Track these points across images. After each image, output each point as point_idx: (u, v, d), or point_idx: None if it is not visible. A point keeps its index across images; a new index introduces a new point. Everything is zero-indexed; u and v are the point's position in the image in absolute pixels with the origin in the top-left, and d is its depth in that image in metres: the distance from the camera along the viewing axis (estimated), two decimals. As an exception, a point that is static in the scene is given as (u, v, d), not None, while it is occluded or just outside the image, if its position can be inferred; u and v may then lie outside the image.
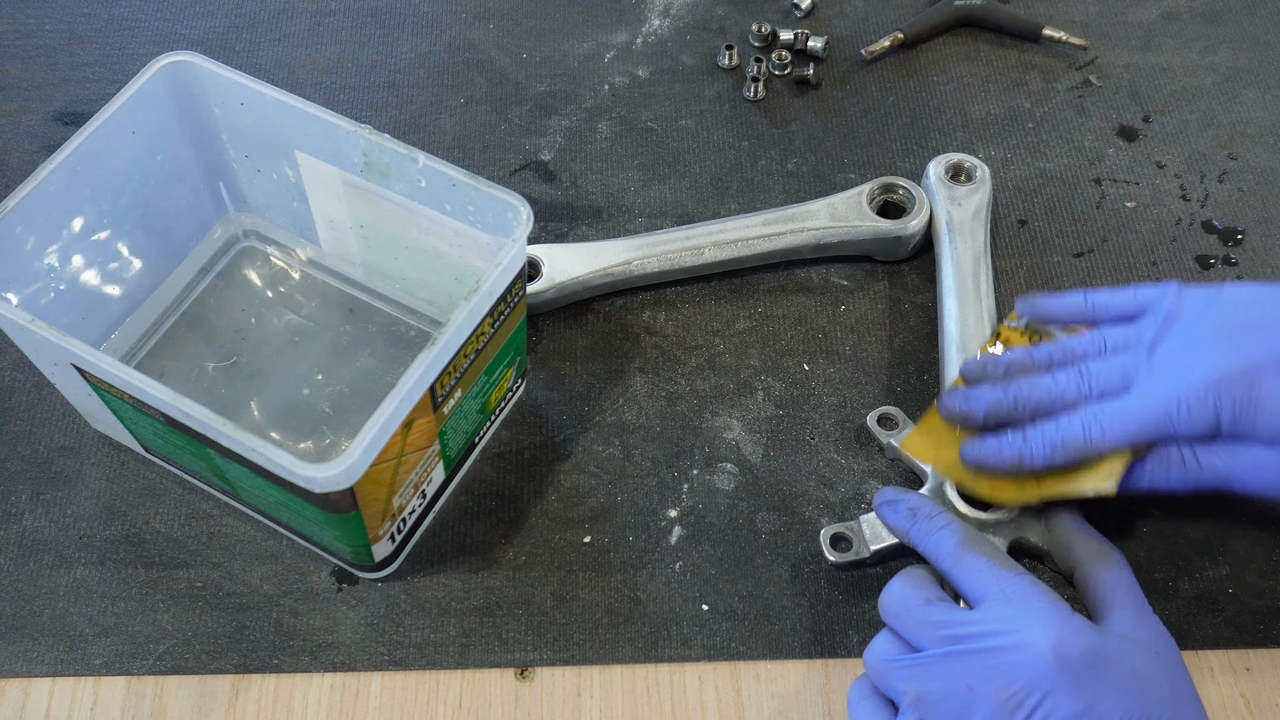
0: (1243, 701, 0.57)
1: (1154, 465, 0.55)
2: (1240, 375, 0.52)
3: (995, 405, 0.57)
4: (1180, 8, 0.83)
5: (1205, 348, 0.54)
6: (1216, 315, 0.55)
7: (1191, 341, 0.54)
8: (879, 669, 0.50)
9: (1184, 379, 0.53)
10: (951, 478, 0.58)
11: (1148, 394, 0.54)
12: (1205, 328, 0.55)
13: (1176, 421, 0.53)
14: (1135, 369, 0.55)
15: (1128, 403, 0.54)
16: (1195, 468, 0.54)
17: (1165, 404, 0.53)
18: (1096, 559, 0.53)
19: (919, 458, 0.60)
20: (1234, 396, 0.52)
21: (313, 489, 0.48)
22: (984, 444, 0.57)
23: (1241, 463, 0.54)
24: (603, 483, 0.62)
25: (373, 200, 0.59)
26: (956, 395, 0.59)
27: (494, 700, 0.56)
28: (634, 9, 0.82)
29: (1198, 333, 0.55)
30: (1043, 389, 0.57)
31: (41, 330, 0.49)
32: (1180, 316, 0.56)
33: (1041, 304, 0.61)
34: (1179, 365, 0.54)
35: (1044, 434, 0.55)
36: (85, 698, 0.56)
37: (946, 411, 0.59)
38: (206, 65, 0.58)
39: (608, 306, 0.69)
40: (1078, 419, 0.55)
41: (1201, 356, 0.53)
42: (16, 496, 0.61)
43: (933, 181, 0.70)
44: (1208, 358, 0.53)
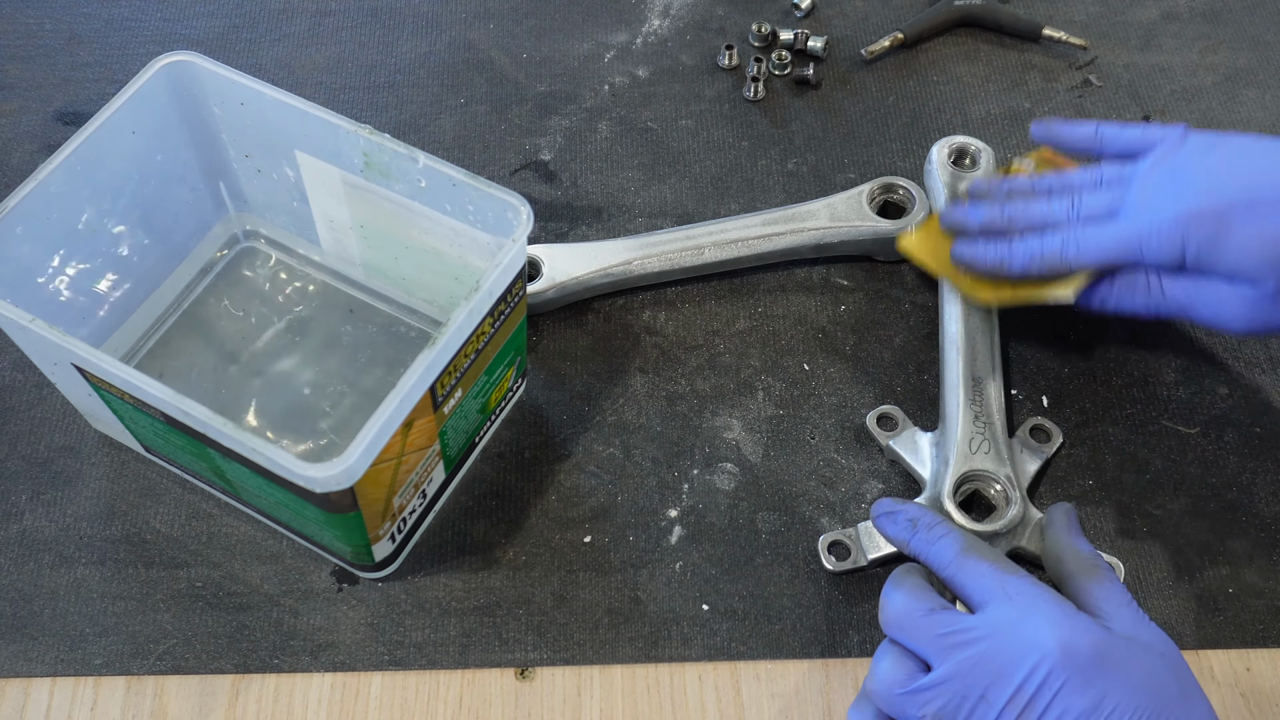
0: (1243, 702, 0.57)
1: (1121, 286, 0.60)
2: (1210, 213, 0.55)
3: (990, 219, 0.62)
4: (1180, 8, 0.83)
5: (1187, 185, 0.57)
6: (1209, 158, 0.58)
7: (1177, 178, 0.58)
8: (890, 699, 0.49)
9: (1160, 211, 0.57)
10: (939, 273, 0.65)
11: (1125, 222, 0.58)
12: (1194, 168, 0.58)
13: (1145, 249, 0.57)
14: (1122, 201, 0.59)
15: (1105, 228, 0.59)
16: (1158, 294, 0.58)
17: (1138, 232, 0.57)
18: (1087, 571, 0.53)
19: (915, 253, 0.65)
20: (1202, 232, 0.56)
21: (313, 489, 0.48)
22: (973, 245, 0.63)
23: (1201, 294, 0.57)
24: (603, 483, 0.62)
25: (373, 200, 0.59)
26: (958, 208, 0.64)
27: (494, 700, 0.56)
28: (634, 9, 0.82)
29: (1186, 171, 0.58)
30: (1035, 210, 0.62)
31: (41, 330, 0.49)
32: (1177, 156, 0.59)
33: (1055, 128, 0.65)
34: (1158, 198, 0.58)
35: (1027, 245, 0.61)
36: (85, 698, 0.56)
37: (946, 220, 0.65)
38: (206, 65, 0.58)
39: (608, 306, 0.69)
40: (1059, 237, 0.60)
41: (1181, 192, 0.57)
42: (16, 496, 0.61)
43: (935, 166, 0.70)
44: (1186, 194, 0.57)
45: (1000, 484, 0.59)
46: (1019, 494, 0.59)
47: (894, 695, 0.49)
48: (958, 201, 0.65)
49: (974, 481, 0.60)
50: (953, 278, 0.64)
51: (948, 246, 0.64)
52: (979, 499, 0.60)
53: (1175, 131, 0.60)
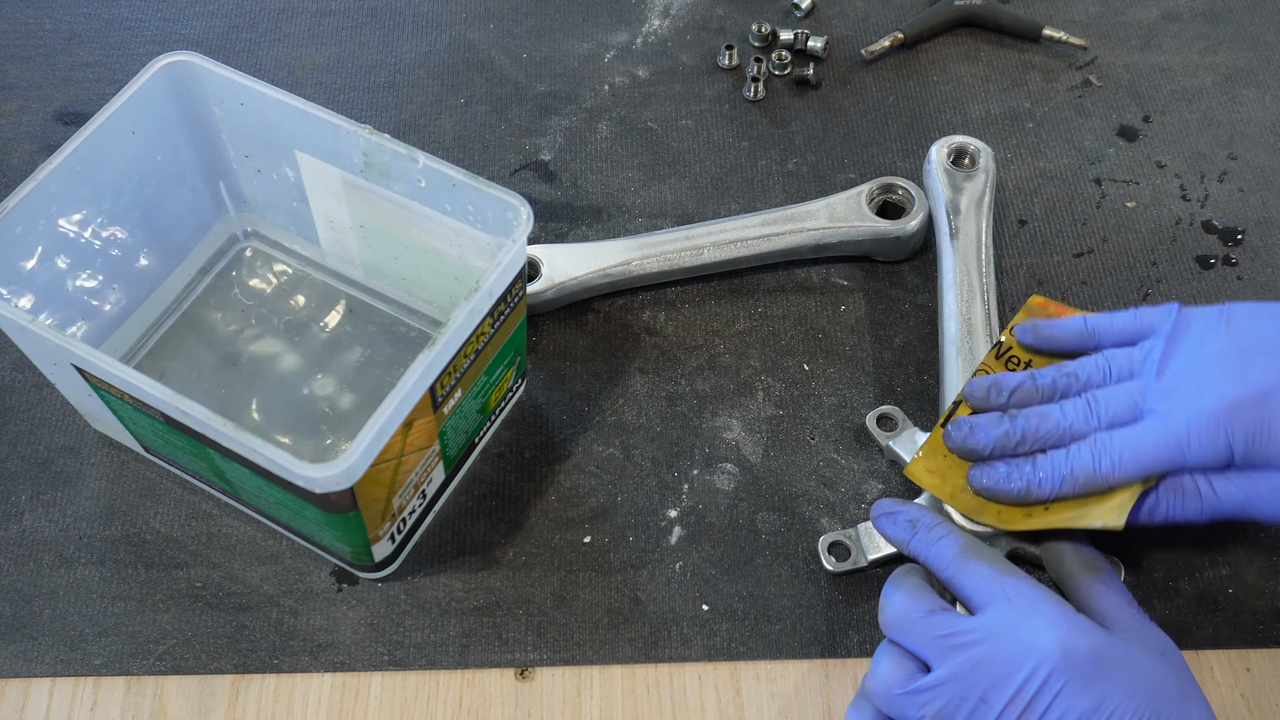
0: (1243, 701, 0.57)
1: (1168, 495, 0.54)
2: (1251, 402, 0.51)
3: (1002, 439, 0.56)
4: (1180, 8, 0.83)
5: (1213, 373, 0.52)
6: (1222, 337, 0.54)
7: (1198, 366, 0.53)
8: (889, 700, 0.49)
9: (1194, 408, 0.52)
10: (958, 508, 0.57)
11: (1157, 424, 0.53)
12: (1211, 350, 0.53)
13: (1188, 452, 0.52)
14: (1143, 396, 0.54)
15: (1138, 433, 0.53)
16: (1211, 497, 0.53)
17: (1176, 434, 0.52)
18: (1089, 572, 0.53)
19: (924, 487, 0.58)
20: (1246, 425, 0.51)
21: (313, 489, 0.48)
22: (992, 471, 0.56)
23: (1259, 490, 0.52)
24: (603, 483, 0.62)
25: (373, 200, 0.59)
26: (962, 426, 0.57)
27: (494, 700, 0.56)
28: (634, 9, 0.82)
29: (1204, 356, 0.53)
30: (1051, 421, 0.55)
31: (41, 330, 0.49)
32: (1185, 338, 0.55)
33: (1042, 332, 0.60)
34: (1188, 392, 0.53)
35: (1054, 464, 0.54)
36: (85, 698, 0.56)
37: (952, 443, 0.58)
38: (206, 65, 0.58)
39: (608, 306, 0.69)
40: (1087, 450, 0.54)
41: (1210, 382, 0.52)
42: (16, 496, 0.61)
43: (934, 166, 0.70)
44: (1216, 384, 0.52)
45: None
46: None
47: (893, 695, 0.49)
48: (959, 420, 0.58)
49: (974, 482, 0.60)
50: (974, 510, 0.57)
51: (958, 467, 0.58)
52: (979, 499, 0.60)
53: (1170, 311, 0.56)
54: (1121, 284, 0.69)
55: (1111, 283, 0.70)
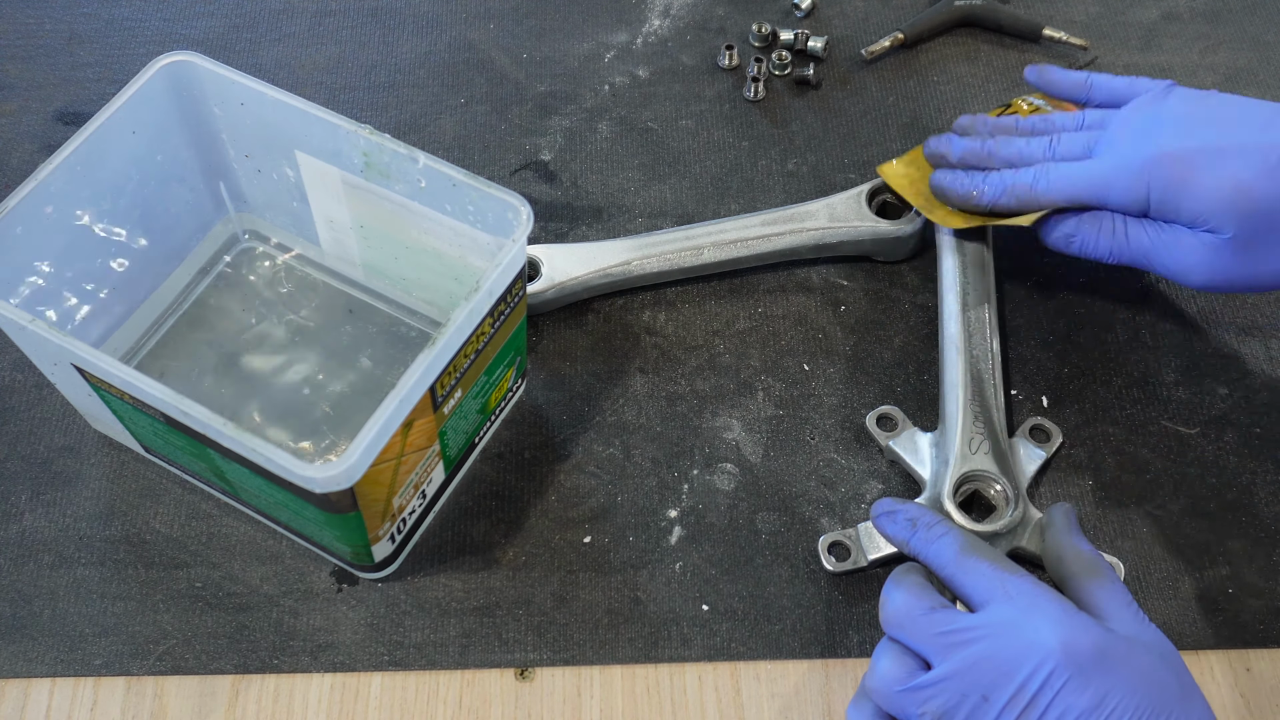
0: (1243, 701, 0.57)
1: (1086, 227, 0.60)
2: (1176, 156, 0.57)
3: (969, 151, 0.64)
4: (1180, 8, 0.83)
5: (1158, 131, 0.58)
6: (1186, 107, 0.59)
7: (1151, 124, 0.59)
8: (889, 697, 0.49)
9: (1129, 154, 0.58)
10: (913, 202, 0.67)
11: (1094, 163, 0.60)
12: (1170, 115, 0.59)
13: (1110, 190, 0.59)
14: (1097, 142, 0.61)
15: (1076, 167, 0.60)
16: (1122, 238, 0.59)
17: (1104, 172, 0.59)
18: (1088, 572, 0.53)
19: (892, 180, 0.68)
20: (1165, 175, 0.57)
21: (313, 489, 0.48)
22: (949, 174, 0.65)
23: (1163, 240, 0.58)
24: (603, 483, 0.62)
25: (373, 200, 0.59)
26: (941, 139, 0.66)
27: (494, 700, 0.56)
28: (634, 9, 0.82)
29: (1160, 118, 0.59)
30: (1014, 147, 0.63)
31: (41, 330, 0.49)
32: (1156, 105, 0.60)
33: (1048, 72, 0.67)
34: (1130, 141, 0.59)
35: (1001, 178, 0.62)
36: (85, 698, 0.56)
37: (929, 149, 0.66)
38: (206, 65, 0.58)
39: (608, 306, 0.69)
40: (1030, 172, 0.61)
41: (1151, 137, 0.58)
42: (16, 496, 0.61)
43: None
44: (1155, 138, 0.58)
45: (1000, 484, 0.59)
46: (1019, 494, 0.59)
47: (893, 693, 0.49)
48: (940, 136, 0.66)
49: (974, 482, 0.60)
50: (925, 207, 0.66)
51: (925, 179, 0.67)
52: (979, 499, 0.60)
53: (1162, 84, 0.62)
54: (1122, 283, 0.69)
55: (1111, 281, 0.70)
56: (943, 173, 0.65)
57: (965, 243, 0.67)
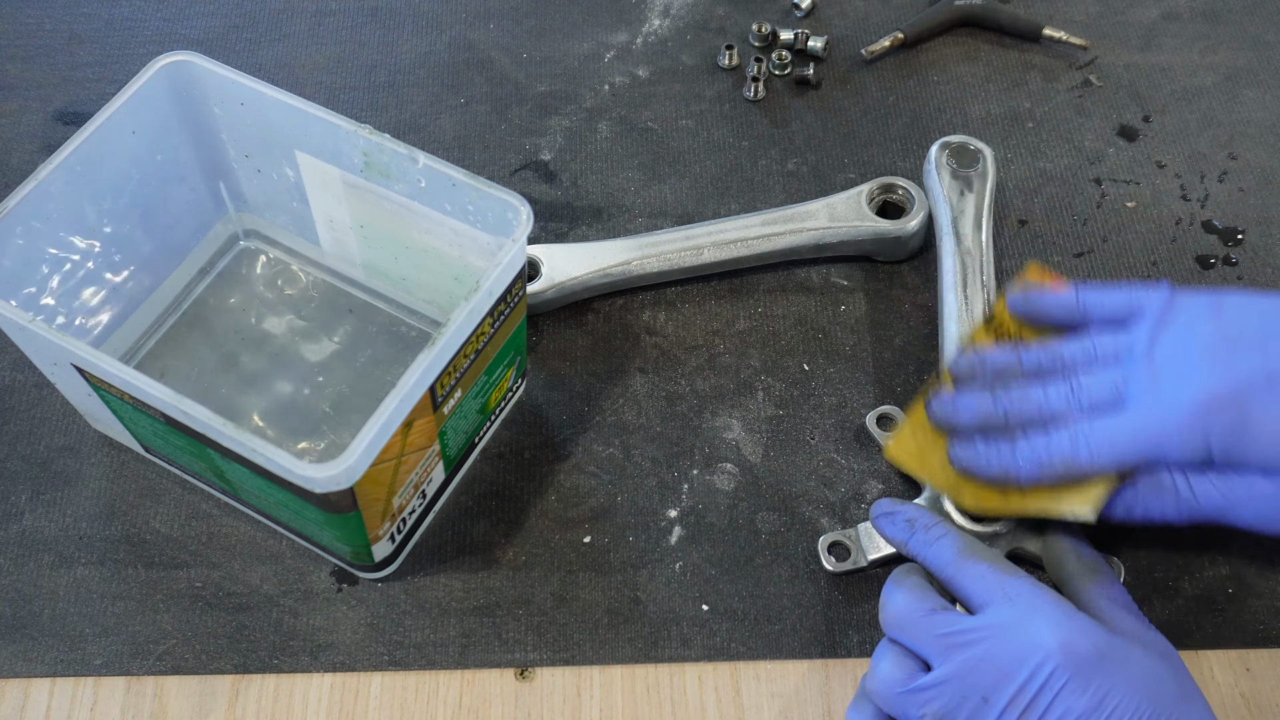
0: (1243, 701, 0.57)
1: (1146, 492, 0.53)
2: (1230, 398, 0.50)
3: (984, 417, 0.56)
4: (1180, 7, 0.83)
5: (1196, 364, 0.52)
6: (1211, 326, 0.53)
7: (1183, 355, 0.53)
8: (890, 699, 0.49)
9: (1173, 400, 0.51)
10: (936, 485, 0.58)
11: (1137, 415, 0.53)
12: (1197, 340, 0.53)
13: (1165, 446, 0.51)
14: (1126, 384, 0.54)
15: (1118, 423, 0.53)
16: (1189, 497, 0.53)
17: (1155, 427, 0.52)
18: (1089, 574, 0.53)
19: (904, 466, 0.59)
20: (1224, 421, 0.50)
21: (313, 489, 0.48)
22: (972, 450, 0.56)
23: (1236, 493, 0.52)
24: (603, 483, 0.62)
25: (373, 200, 0.59)
26: (945, 402, 0.58)
27: (494, 700, 0.56)
28: (634, 9, 0.82)
29: (1190, 347, 0.53)
30: (1033, 402, 0.55)
31: (41, 330, 0.49)
32: (1173, 325, 0.54)
33: (1034, 301, 0.59)
34: (1169, 383, 0.52)
35: (1033, 449, 0.54)
36: (85, 698, 0.56)
37: (934, 416, 0.58)
38: (206, 65, 0.58)
39: (608, 306, 0.69)
40: (1066, 437, 0.53)
41: (1192, 374, 0.52)
42: (16, 496, 0.61)
43: (934, 166, 0.69)
44: (1198, 377, 0.51)
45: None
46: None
47: (894, 695, 0.49)
48: (943, 395, 0.58)
49: (974, 482, 0.60)
50: (952, 489, 0.57)
51: (936, 448, 0.58)
52: (979, 499, 0.60)
53: (1161, 294, 0.55)
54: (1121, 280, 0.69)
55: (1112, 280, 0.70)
56: (963, 449, 0.56)
57: (966, 242, 0.67)
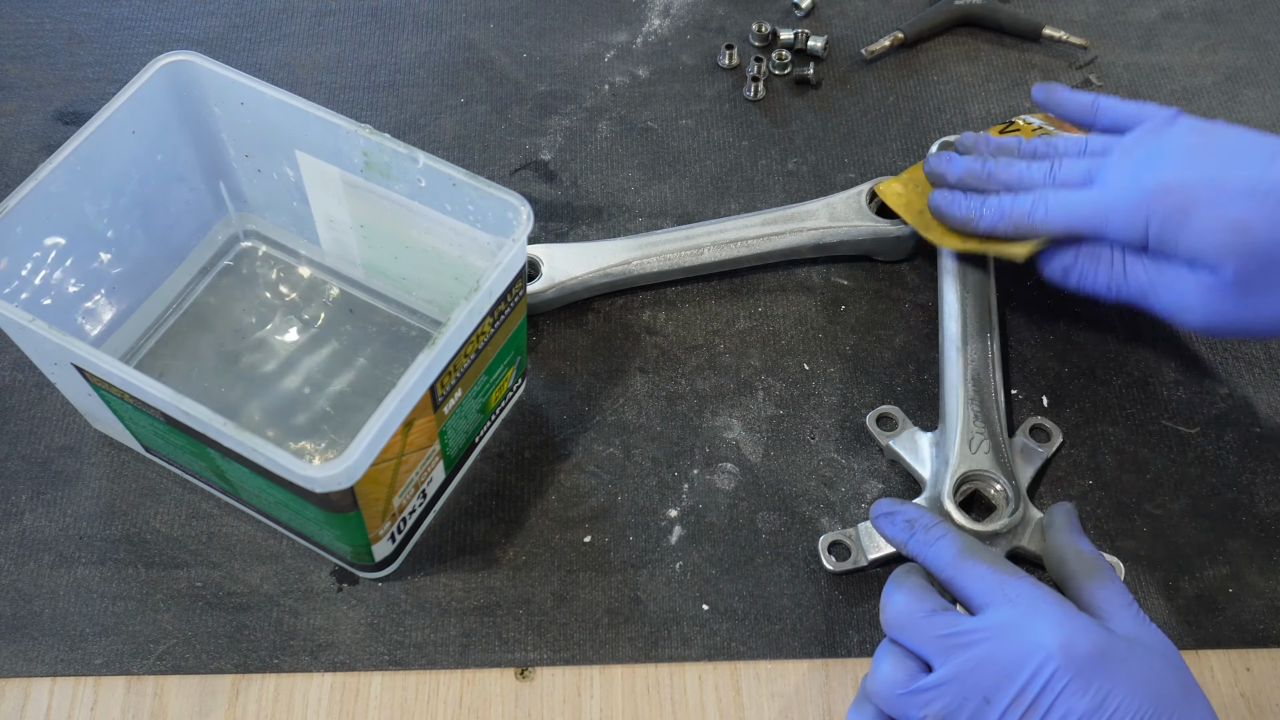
0: (1243, 701, 0.57)
1: (1084, 260, 0.59)
2: (1176, 189, 0.55)
3: (969, 172, 0.63)
4: (1180, 7, 0.83)
5: (1161, 161, 0.56)
6: (1190, 139, 0.57)
7: (1154, 154, 0.57)
8: (891, 700, 0.49)
9: (1130, 184, 0.57)
10: (909, 220, 0.66)
11: (1094, 191, 0.58)
12: (1172, 147, 0.57)
13: (1109, 221, 0.57)
14: (1099, 171, 0.59)
15: (1075, 194, 0.59)
16: (1120, 273, 0.58)
17: (1104, 202, 0.57)
18: (1089, 572, 0.53)
19: (890, 199, 0.67)
20: (1165, 208, 0.55)
21: (313, 489, 0.48)
22: (947, 195, 0.63)
23: (1162, 278, 0.57)
24: (603, 482, 0.62)
25: (373, 200, 0.59)
26: (941, 159, 0.65)
27: (494, 700, 0.56)
28: (634, 9, 0.82)
29: (1165, 149, 0.57)
30: (1014, 170, 0.62)
31: (41, 330, 0.49)
32: (1161, 134, 0.58)
33: (1055, 92, 0.65)
34: (1132, 171, 0.57)
35: (1000, 203, 0.61)
36: (85, 697, 0.56)
37: (929, 167, 0.65)
38: (206, 65, 0.58)
39: (608, 306, 0.69)
40: (1029, 199, 0.60)
41: (1153, 167, 0.56)
42: (17, 496, 0.61)
43: None
44: (1157, 170, 0.56)
45: (1000, 484, 0.59)
46: (1019, 494, 0.59)
47: (895, 696, 0.49)
48: (941, 154, 0.65)
49: (974, 481, 0.60)
50: (921, 226, 0.65)
51: (923, 196, 0.66)
52: (979, 499, 0.60)
53: (1167, 111, 0.60)
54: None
55: (1112, 282, 0.70)
56: (941, 193, 0.64)
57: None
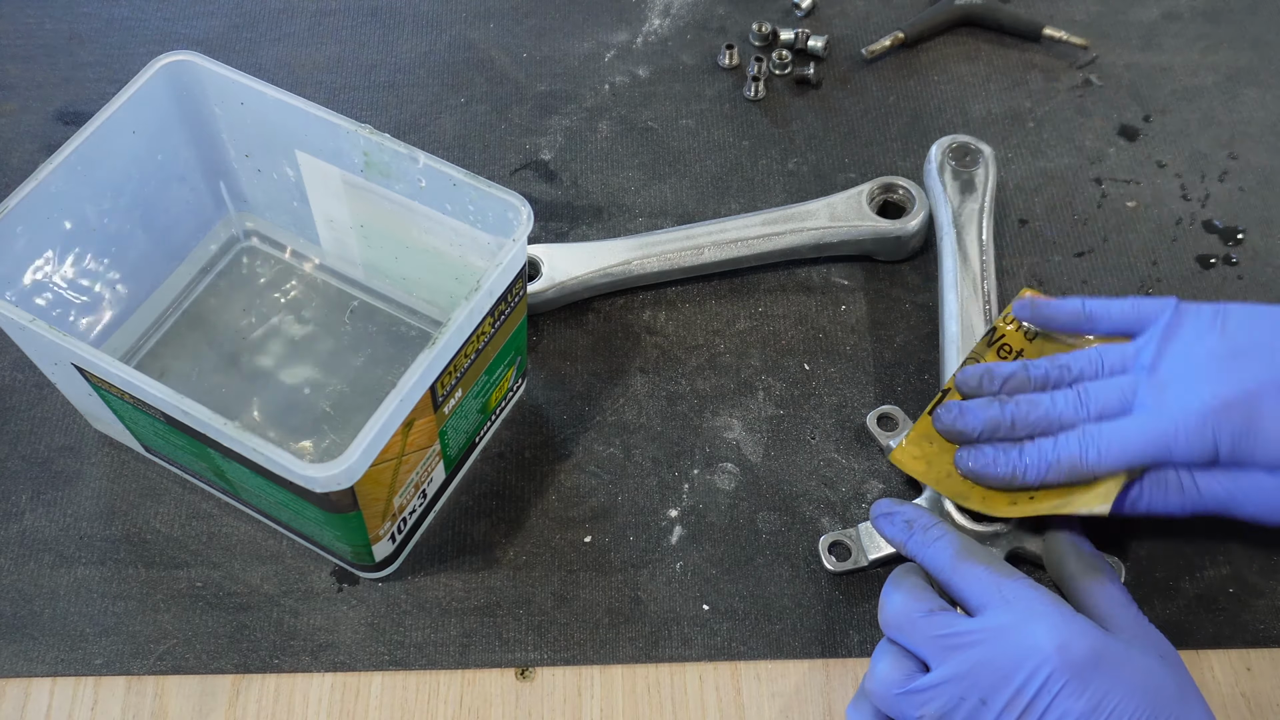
0: (1243, 701, 0.57)
1: (1151, 488, 0.55)
2: (1239, 403, 0.52)
3: (992, 424, 0.57)
4: (1181, 7, 0.83)
5: (1204, 372, 0.53)
6: (1216, 337, 0.54)
7: (1190, 364, 0.54)
8: (888, 699, 0.50)
9: (1182, 405, 0.53)
10: (942, 490, 0.58)
11: (1146, 419, 0.54)
12: (1204, 349, 0.54)
13: (1174, 448, 0.53)
14: (1133, 391, 0.55)
15: (1126, 426, 0.54)
16: (1194, 492, 0.54)
17: (1164, 430, 0.53)
18: (1089, 574, 0.53)
19: (909, 471, 0.59)
20: (1233, 424, 0.52)
21: (313, 489, 0.48)
22: (980, 454, 0.57)
23: (1241, 488, 0.54)
24: (603, 482, 0.62)
25: (373, 200, 0.59)
26: (952, 410, 0.58)
27: (494, 700, 0.56)
28: (634, 8, 0.82)
29: (1197, 355, 0.54)
30: (1041, 408, 0.56)
31: (42, 330, 0.49)
32: (1179, 336, 0.55)
33: (1040, 309, 0.61)
34: (1177, 389, 0.54)
35: (1040, 451, 0.55)
36: (86, 697, 0.56)
37: (941, 425, 0.59)
38: (207, 65, 0.58)
39: (608, 306, 0.69)
40: (1075, 439, 0.54)
41: (1200, 381, 0.53)
42: (17, 496, 0.61)
43: (935, 165, 0.69)
44: (1206, 383, 0.53)
45: (1001, 484, 0.59)
46: (1019, 494, 0.59)
47: (892, 695, 0.49)
48: (949, 404, 0.59)
49: (974, 482, 0.60)
50: (959, 494, 0.57)
51: (944, 454, 0.58)
52: (979, 499, 0.60)
53: (1167, 305, 0.57)
54: (1122, 283, 0.69)
55: (1112, 282, 0.70)
56: (968, 453, 0.57)
57: (966, 242, 0.67)
